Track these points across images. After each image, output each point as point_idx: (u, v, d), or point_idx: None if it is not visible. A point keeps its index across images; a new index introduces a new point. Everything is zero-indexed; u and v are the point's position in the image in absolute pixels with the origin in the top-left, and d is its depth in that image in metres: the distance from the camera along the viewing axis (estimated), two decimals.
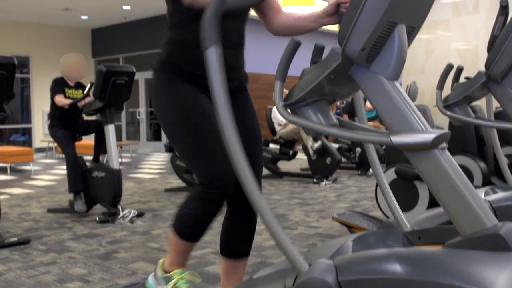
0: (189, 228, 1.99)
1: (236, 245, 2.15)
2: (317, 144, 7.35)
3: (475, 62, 10.56)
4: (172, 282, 1.99)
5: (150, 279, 2.10)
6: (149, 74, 13.78)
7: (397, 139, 1.32)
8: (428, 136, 1.29)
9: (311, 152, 7.41)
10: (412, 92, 9.32)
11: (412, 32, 1.45)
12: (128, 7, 11.97)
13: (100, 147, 5.34)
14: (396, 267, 1.16)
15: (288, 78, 1.50)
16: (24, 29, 13.82)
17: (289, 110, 1.51)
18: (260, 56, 12.27)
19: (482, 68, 2.56)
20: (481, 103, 3.53)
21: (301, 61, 2.02)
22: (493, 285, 1.03)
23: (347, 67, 1.40)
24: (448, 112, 2.49)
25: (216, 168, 1.90)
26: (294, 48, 1.49)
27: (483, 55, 10.16)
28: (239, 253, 2.15)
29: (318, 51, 1.56)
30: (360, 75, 1.40)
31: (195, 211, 1.96)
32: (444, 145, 1.34)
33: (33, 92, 14.17)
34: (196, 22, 1.79)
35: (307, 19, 1.94)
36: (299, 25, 1.98)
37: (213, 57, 1.37)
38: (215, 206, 1.95)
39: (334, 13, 1.82)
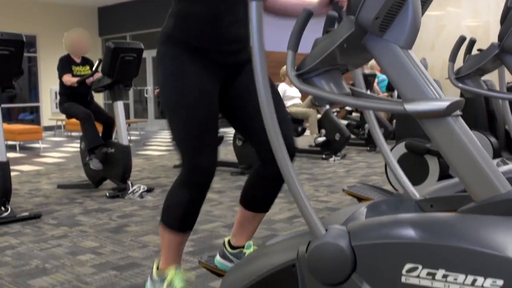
0: (176, 218, 2.00)
1: (261, 198, 2.16)
2: (320, 139, 7.41)
3: (486, 38, 10.41)
4: (167, 278, 1.99)
5: (148, 283, 2.09)
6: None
7: (410, 107, 1.32)
8: (442, 103, 1.28)
9: (313, 143, 7.49)
10: None
11: (426, 1, 1.43)
12: None
13: (107, 137, 5.33)
14: (409, 232, 1.17)
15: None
16: (31, 8, 13.78)
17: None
18: (269, 34, 12.04)
19: None
20: (493, 78, 3.50)
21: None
22: (507, 249, 1.03)
23: (360, 36, 1.39)
24: (460, 84, 2.47)
25: (201, 157, 1.93)
26: (306, 18, 1.48)
27: (494, 31, 10.06)
28: (262, 207, 2.17)
29: (330, 20, 1.55)
30: (374, 43, 1.39)
31: (180, 199, 1.98)
32: (458, 112, 1.33)
33: (41, 70, 14.18)
34: None
35: None
36: None
37: (255, 11, 1.40)
38: (198, 192, 1.98)
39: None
